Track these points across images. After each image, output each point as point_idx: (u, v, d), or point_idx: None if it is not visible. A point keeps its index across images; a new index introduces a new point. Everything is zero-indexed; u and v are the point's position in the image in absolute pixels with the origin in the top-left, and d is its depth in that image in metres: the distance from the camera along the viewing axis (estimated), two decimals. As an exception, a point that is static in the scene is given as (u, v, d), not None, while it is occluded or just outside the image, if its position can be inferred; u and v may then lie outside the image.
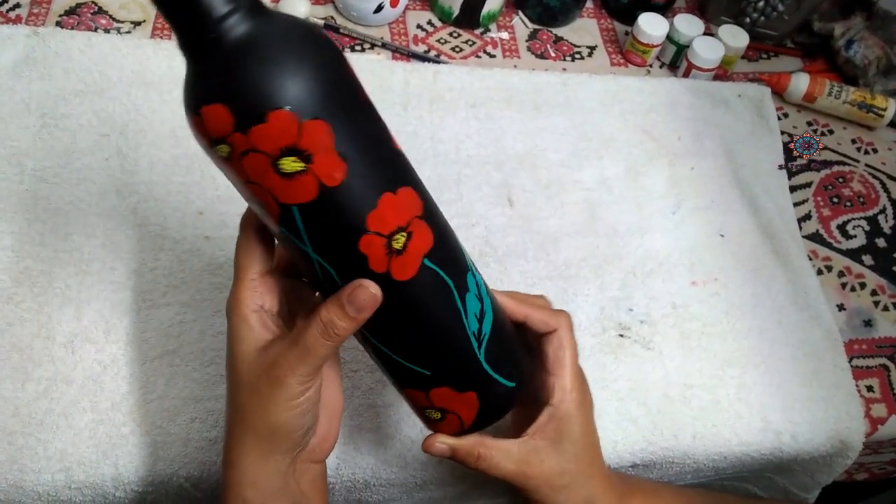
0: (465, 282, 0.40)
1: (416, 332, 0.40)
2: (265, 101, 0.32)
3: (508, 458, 0.44)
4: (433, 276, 0.38)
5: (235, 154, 0.34)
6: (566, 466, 0.45)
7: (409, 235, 0.36)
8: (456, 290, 0.39)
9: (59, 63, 0.69)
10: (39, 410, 0.52)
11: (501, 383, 0.42)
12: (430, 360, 0.41)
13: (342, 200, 0.35)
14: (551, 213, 0.69)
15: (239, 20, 0.33)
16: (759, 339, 0.65)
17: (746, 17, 0.86)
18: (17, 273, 0.57)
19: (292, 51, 0.33)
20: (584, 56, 0.84)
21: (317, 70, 0.33)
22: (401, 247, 0.36)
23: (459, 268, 0.40)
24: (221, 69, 0.33)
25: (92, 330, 0.56)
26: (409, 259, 0.37)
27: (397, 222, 0.36)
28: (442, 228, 0.39)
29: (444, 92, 0.75)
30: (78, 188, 0.62)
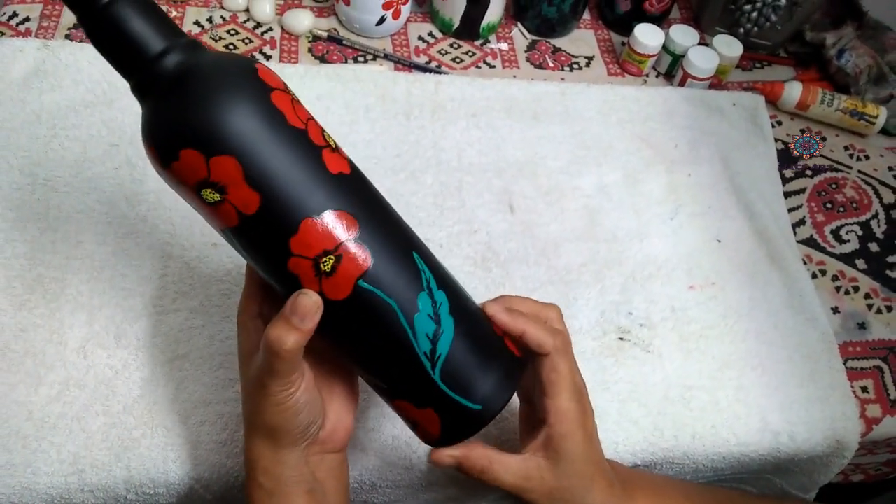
0: (413, 302, 0.40)
1: (361, 349, 0.41)
2: (177, 142, 0.36)
3: (509, 473, 0.45)
4: (370, 297, 0.39)
5: (171, 183, 0.38)
6: (565, 483, 0.46)
7: (338, 258, 0.38)
8: (401, 311, 0.39)
9: (68, 74, 0.70)
10: (52, 414, 0.53)
11: (462, 404, 0.42)
12: (382, 375, 0.42)
13: (262, 227, 0.38)
14: (552, 219, 0.70)
15: (172, 59, 0.37)
16: (756, 342, 0.66)
17: (740, 28, 0.88)
18: (29, 280, 0.59)
19: (208, 90, 0.36)
20: (582, 66, 0.86)
21: (230, 108, 0.36)
22: (329, 269, 0.38)
23: (407, 288, 0.40)
24: (149, 111, 0.37)
25: (103, 335, 0.57)
26: (341, 280, 0.38)
27: (322, 246, 0.38)
28: (387, 249, 0.39)
29: (446, 102, 0.77)
30: (88, 197, 0.63)
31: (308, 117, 0.40)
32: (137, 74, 0.37)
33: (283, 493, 0.43)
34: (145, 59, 0.37)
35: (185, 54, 0.37)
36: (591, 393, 0.60)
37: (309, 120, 0.39)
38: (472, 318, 0.43)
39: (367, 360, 0.42)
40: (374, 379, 0.43)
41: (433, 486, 0.58)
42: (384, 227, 0.40)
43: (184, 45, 0.38)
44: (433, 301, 0.40)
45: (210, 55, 0.38)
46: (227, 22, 0.81)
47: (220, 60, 0.38)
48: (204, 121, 0.36)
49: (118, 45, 0.37)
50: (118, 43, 0.37)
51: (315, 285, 0.38)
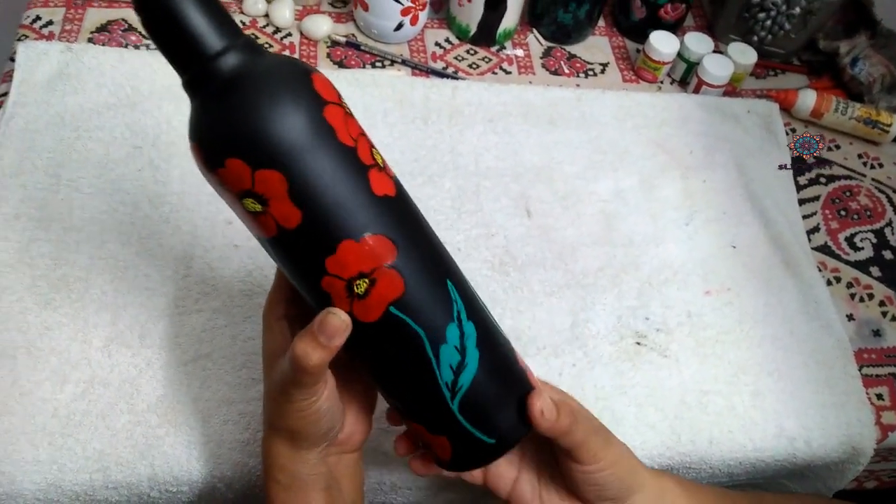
0: (441, 333, 0.39)
1: (383, 370, 0.41)
2: (224, 149, 0.35)
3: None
4: (399, 323, 0.38)
5: (214, 186, 0.38)
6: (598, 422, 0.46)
7: (372, 282, 0.37)
8: (428, 340, 0.39)
9: (92, 77, 0.71)
10: (78, 412, 0.54)
11: (477, 437, 0.41)
12: (400, 397, 0.43)
13: (300, 242, 0.37)
14: (568, 224, 0.71)
15: (228, 60, 0.36)
16: (771, 348, 0.66)
17: (754, 36, 0.89)
18: (54, 279, 0.59)
19: (261, 100, 0.35)
20: (597, 72, 0.86)
21: (282, 122, 0.35)
22: (362, 292, 0.38)
23: (437, 318, 0.39)
24: (199, 110, 0.37)
25: (127, 334, 0.58)
26: (372, 304, 0.38)
27: (358, 268, 0.37)
28: (422, 277, 0.39)
29: (463, 107, 0.77)
30: (112, 198, 0.64)
31: (359, 132, 0.39)
32: (192, 71, 0.36)
33: (301, 490, 0.44)
34: (203, 57, 0.36)
35: (242, 56, 0.36)
36: (609, 397, 0.61)
37: (360, 136, 0.38)
38: (498, 351, 0.42)
39: (387, 380, 0.42)
40: (391, 398, 0.44)
41: (452, 486, 0.58)
42: (421, 254, 0.40)
43: (242, 45, 0.37)
44: (461, 333, 0.40)
45: (267, 60, 0.37)
46: (246, 27, 0.82)
47: (276, 68, 0.37)
48: (253, 133, 0.35)
49: (177, 38, 0.36)
50: (177, 37, 0.36)
51: (346, 305, 0.38)
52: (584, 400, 0.60)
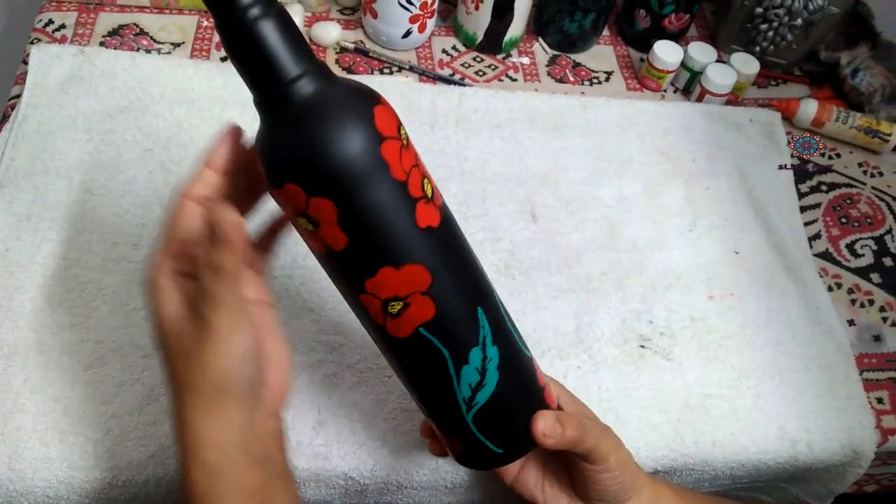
0: (465, 355, 0.42)
1: (410, 378, 0.45)
2: (285, 173, 0.37)
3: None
4: (426, 343, 0.41)
5: (273, 198, 0.40)
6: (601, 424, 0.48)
7: (406, 305, 0.40)
8: (451, 360, 0.42)
9: (104, 81, 0.72)
10: (89, 411, 0.55)
11: (486, 445, 0.45)
12: (422, 400, 0.46)
13: (344, 262, 0.40)
14: (573, 229, 0.72)
15: (301, 87, 0.37)
16: (773, 352, 0.67)
17: (756, 46, 0.90)
18: (66, 280, 0.60)
19: (323, 134, 0.37)
20: (602, 81, 0.87)
21: (340, 156, 0.37)
22: (396, 312, 0.41)
23: (462, 342, 0.42)
24: (269, 130, 0.38)
25: (139, 336, 0.58)
26: (404, 323, 0.41)
27: (394, 292, 0.40)
28: (454, 303, 0.41)
29: (470, 113, 0.78)
30: (123, 199, 0.65)
31: (413, 164, 0.40)
32: (269, 93, 0.38)
33: (233, 468, 0.39)
34: (280, 82, 0.37)
35: (313, 84, 0.38)
36: (613, 399, 0.62)
37: (413, 168, 0.40)
38: (518, 373, 0.45)
39: (412, 385, 0.45)
40: (415, 398, 0.47)
41: (458, 487, 0.59)
42: (455, 282, 0.42)
43: (315, 70, 0.38)
44: (484, 356, 0.43)
45: (334, 91, 0.38)
46: (255, 32, 0.82)
47: (341, 102, 0.38)
48: (312, 164, 0.37)
49: (258, 62, 0.37)
50: (258, 61, 0.37)
51: (380, 320, 0.41)
52: (589, 402, 0.61)
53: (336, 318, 0.62)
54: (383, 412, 0.58)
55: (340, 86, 0.39)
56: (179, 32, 0.80)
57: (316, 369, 0.59)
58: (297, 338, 0.60)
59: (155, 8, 0.81)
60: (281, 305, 0.62)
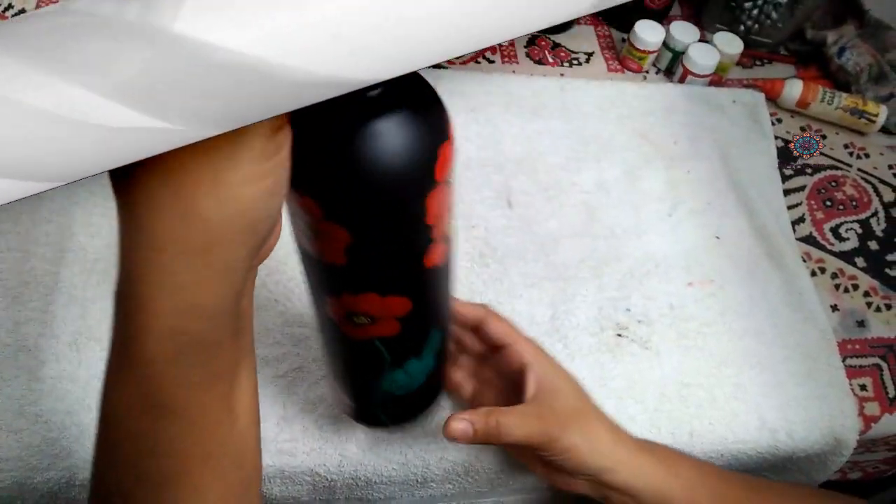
0: (403, 363, 0.43)
1: (338, 360, 0.45)
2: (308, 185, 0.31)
3: (524, 418, 0.46)
4: (375, 349, 0.41)
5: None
6: (576, 403, 0.49)
7: (372, 321, 0.39)
8: (389, 364, 0.42)
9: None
10: (46, 409, 0.53)
11: (380, 417, 0.49)
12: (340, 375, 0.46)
13: (331, 276, 0.37)
14: (550, 215, 0.70)
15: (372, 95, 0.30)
16: (754, 340, 0.66)
17: (741, 25, 0.88)
18: (23, 273, 0.58)
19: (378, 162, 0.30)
20: (582, 62, 0.85)
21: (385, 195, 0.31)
22: (359, 324, 0.39)
23: (407, 354, 0.42)
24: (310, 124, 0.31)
25: (96, 328, 0.57)
26: (363, 334, 0.40)
27: (367, 311, 0.38)
28: (414, 329, 0.41)
29: (445, 96, 0.75)
30: (82, 188, 0.63)
31: (448, 206, 0.36)
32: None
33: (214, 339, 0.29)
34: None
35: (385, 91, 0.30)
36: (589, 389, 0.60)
37: (444, 210, 0.35)
38: (437, 376, 0.47)
39: (337, 363, 0.45)
40: (331, 367, 0.46)
41: (429, 482, 0.57)
42: (429, 311, 0.41)
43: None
44: (421, 366, 0.44)
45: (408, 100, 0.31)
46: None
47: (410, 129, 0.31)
48: (349, 191, 0.31)
49: None
50: None
51: (339, 321, 0.40)
52: (564, 393, 0.59)
53: (302, 310, 0.60)
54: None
55: (415, 95, 0.32)
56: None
57: (280, 363, 0.57)
58: (261, 330, 0.58)
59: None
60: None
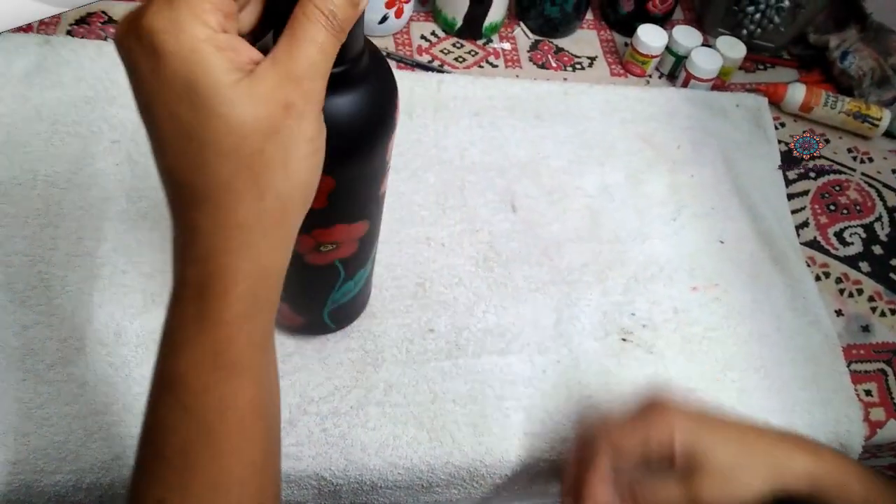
0: (354, 275, 0.51)
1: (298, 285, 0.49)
2: None
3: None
4: (333, 268, 0.48)
5: None
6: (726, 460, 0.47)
7: (336, 246, 0.46)
8: (343, 278, 0.50)
9: (70, 71, 0.70)
10: (53, 412, 0.53)
11: (327, 324, 0.57)
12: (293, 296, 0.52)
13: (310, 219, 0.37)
14: (554, 219, 0.70)
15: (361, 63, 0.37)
16: (758, 344, 0.66)
17: (743, 30, 0.88)
18: (30, 277, 0.58)
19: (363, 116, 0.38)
20: (585, 66, 0.85)
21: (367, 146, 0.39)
22: (325, 251, 0.46)
23: (359, 267, 0.51)
24: None
25: (103, 332, 0.57)
26: (325, 257, 0.47)
27: (334, 239, 0.45)
28: (367, 247, 0.49)
29: (448, 100, 0.76)
30: (89, 193, 0.63)
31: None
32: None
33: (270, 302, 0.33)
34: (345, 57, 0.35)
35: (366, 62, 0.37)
36: (594, 394, 0.61)
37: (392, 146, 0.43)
38: (370, 279, 0.56)
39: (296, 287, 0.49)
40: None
41: (434, 486, 0.57)
42: (377, 229, 0.49)
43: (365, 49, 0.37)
44: (365, 273, 0.53)
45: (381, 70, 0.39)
46: (229, 20, 0.80)
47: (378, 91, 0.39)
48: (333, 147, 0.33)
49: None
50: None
51: (306, 252, 0.45)
52: (570, 398, 0.60)
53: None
54: (356, 409, 0.57)
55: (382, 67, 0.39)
56: (149, 20, 0.78)
57: (284, 363, 0.57)
58: (267, 334, 0.59)
59: (125, -5, 0.79)
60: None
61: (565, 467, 0.52)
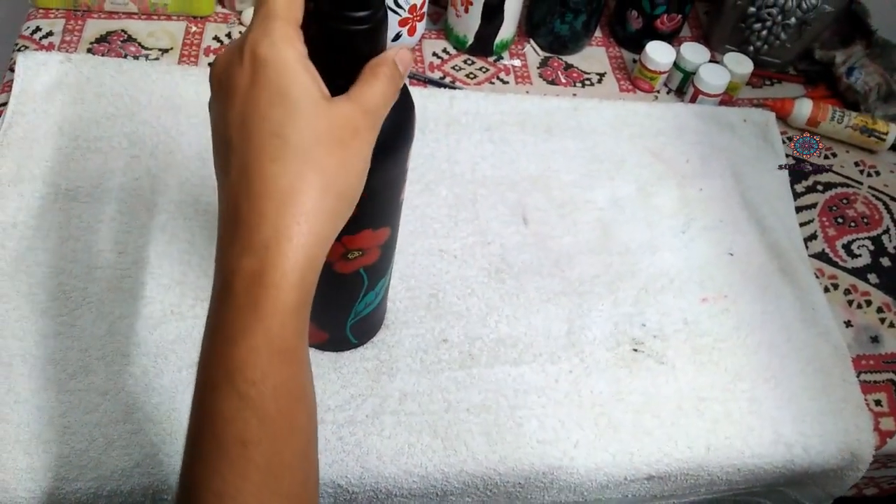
0: (376, 285, 0.53)
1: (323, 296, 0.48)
2: None
3: None
4: (358, 277, 0.51)
5: None
6: None
7: (362, 254, 0.48)
8: (366, 288, 0.52)
9: (90, 88, 0.71)
10: (74, 421, 0.54)
11: (349, 339, 0.59)
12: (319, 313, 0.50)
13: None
14: (565, 232, 0.71)
15: None
16: (768, 355, 0.66)
17: (750, 46, 0.89)
18: (51, 288, 0.59)
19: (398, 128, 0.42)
20: (594, 82, 0.87)
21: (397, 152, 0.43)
22: (352, 258, 0.48)
23: (381, 277, 0.53)
24: None
25: (124, 343, 0.58)
26: (352, 265, 0.49)
27: (361, 246, 0.47)
28: (389, 254, 0.52)
29: (460, 116, 0.78)
30: (109, 207, 0.64)
31: None
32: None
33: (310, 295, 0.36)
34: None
35: None
36: (606, 404, 0.61)
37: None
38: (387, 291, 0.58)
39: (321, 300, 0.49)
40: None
41: (448, 495, 0.58)
42: (396, 235, 0.51)
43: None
44: (385, 283, 0.55)
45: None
46: (245, 37, 0.82)
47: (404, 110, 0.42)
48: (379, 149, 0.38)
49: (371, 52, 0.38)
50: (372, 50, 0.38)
51: (334, 261, 0.47)
52: (581, 406, 0.61)
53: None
54: (371, 418, 0.57)
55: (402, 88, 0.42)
56: (168, 38, 0.80)
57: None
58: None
59: (143, 14, 0.81)
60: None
61: None
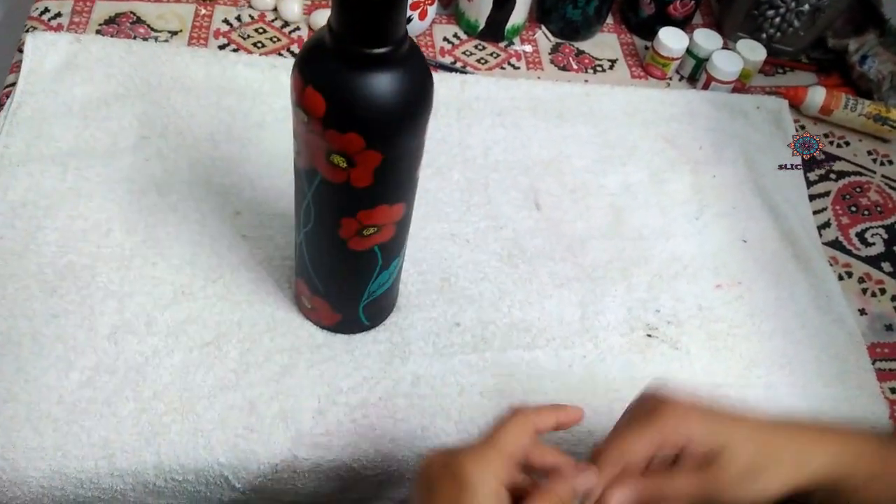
0: (390, 264, 0.53)
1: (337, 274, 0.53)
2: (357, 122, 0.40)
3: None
4: (373, 255, 0.50)
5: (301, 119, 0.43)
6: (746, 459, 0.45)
7: (377, 230, 0.48)
8: (381, 267, 0.52)
9: (100, 68, 0.71)
10: (83, 399, 0.53)
11: (362, 321, 0.58)
12: (335, 288, 0.55)
13: (352, 196, 0.45)
14: (577, 217, 0.70)
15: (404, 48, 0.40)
16: (783, 341, 0.66)
17: (763, 33, 0.88)
18: (60, 267, 0.59)
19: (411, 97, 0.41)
20: (606, 69, 0.86)
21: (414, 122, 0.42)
22: (367, 235, 0.48)
23: (395, 255, 0.53)
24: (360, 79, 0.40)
25: (133, 322, 0.57)
26: (366, 242, 0.49)
27: (376, 222, 0.47)
28: (403, 232, 0.51)
29: (472, 101, 0.77)
30: (119, 186, 0.64)
31: None
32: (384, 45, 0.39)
33: None
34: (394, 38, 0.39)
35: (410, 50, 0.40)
36: (620, 389, 0.61)
37: None
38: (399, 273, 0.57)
39: (335, 278, 0.53)
40: (325, 284, 0.54)
41: None
42: (410, 213, 0.50)
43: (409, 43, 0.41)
44: (398, 263, 0.55)
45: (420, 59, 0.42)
46: (255, 21, 0.81)
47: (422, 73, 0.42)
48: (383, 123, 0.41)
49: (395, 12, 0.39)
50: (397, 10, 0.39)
51: (346, 238, 0.48)
52: (595, 391, 0.60)
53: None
54: (386, 402, 0.57)
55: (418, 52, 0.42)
56: (177, 20, 0.79)
57: (313, 354, 0.58)
58: (295, 322, 0.59)
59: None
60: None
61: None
